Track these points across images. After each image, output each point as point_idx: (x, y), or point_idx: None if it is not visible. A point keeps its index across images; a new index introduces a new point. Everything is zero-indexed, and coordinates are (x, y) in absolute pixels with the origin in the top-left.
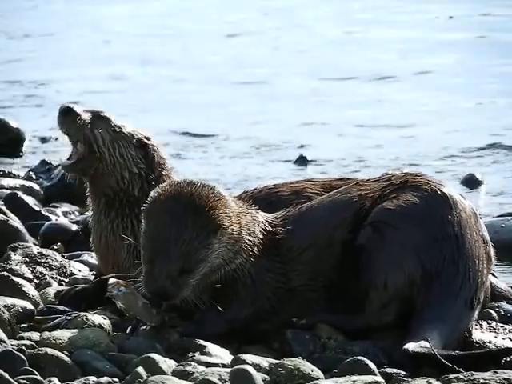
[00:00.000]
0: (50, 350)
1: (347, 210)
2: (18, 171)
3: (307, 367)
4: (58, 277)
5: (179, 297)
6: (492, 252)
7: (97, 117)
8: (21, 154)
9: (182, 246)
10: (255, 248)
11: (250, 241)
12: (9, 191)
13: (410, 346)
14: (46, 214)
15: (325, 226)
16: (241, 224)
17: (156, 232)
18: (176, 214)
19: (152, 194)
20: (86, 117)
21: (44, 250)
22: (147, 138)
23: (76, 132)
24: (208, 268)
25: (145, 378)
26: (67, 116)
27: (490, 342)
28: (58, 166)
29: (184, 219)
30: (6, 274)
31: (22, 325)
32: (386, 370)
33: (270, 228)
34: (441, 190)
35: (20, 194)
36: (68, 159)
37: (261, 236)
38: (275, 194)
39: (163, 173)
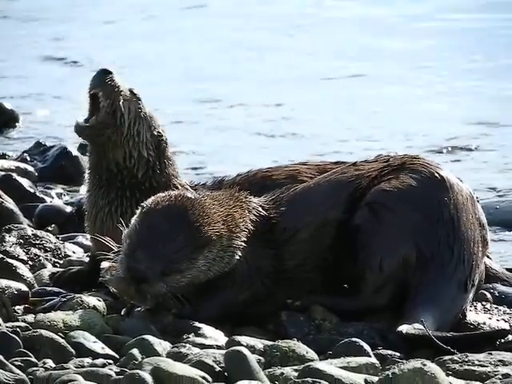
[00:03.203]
0: (44, 332)
1: (344, 189)
2: (12, 153)
3: (302, 349)
4: (53, 258)
5: (155, 287)
6: (488, 235)
7: (130, 90)
8: (15, 135)
9: (167, 250)
10: (249, 237)
11: (244, 237)
12: (3, 173)
13: (404, 328)
14: (41, 195)
15: (321, 205)
16: (232, 231)
17: (148, 229)
18: (171, 221)
19: (155, 197)
20: (121, 84)
21: (38, 232)
22: (163, 131)
23: (108, 92)
24: (189, 278)
25: (139, 359)
26: (106, 76)
27: (484, 324)
28: (51, 147)
29: (177, 229)
30: (0, 255)
31: (16, 306)
32: (380, 351)
33: (263, 212)
34: (438, 173)
35: (14, 175)
36: (85, 121)
37: (253, 225)
38: (270, 178)
39: (169, 170)
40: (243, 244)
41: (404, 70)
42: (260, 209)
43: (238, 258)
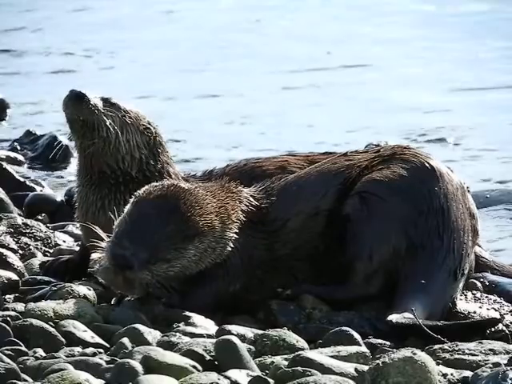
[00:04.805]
0: (35, 321)
1: (334, 179)
2: (2, 142)
3: (292, 338)
4: (43, 247)
5: (139, 274)
6: (478, 225)
7: (107, 103)
8: (5, 124)
9: (155, 238)
10: (241, 228)
11: (236, 228)
12: None
13: (394, 317)
14: (31, 184)
15: (311, 195)
16: (225, 222)
17: (137, 218)
18: (161, 211)
19: (148, 186)
20: (98, 102)
21: (29, 221)
22: (149, 123)
23: (87, 117)
24: (178, 268)
25: (130, 348)
26: (79, 101)
27: (474, 313)
28: (42, 136)
29: (166, 218)
30: None
31: (6, 296)
32: (371, 340)
33: (254, 202)
34: (428, 163)
35: (4, 164)
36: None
37: (245, 215)
38: (260, 169)
39: (163, 157)
40: (235, 235)
41: (391, 59)
42: (251, 199)
43: (229, 249)
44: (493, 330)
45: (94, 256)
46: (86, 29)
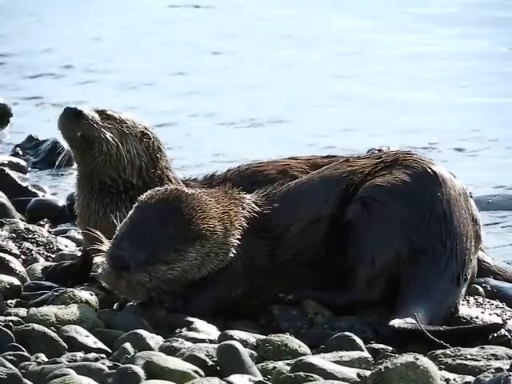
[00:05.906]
0: (37, 326)
1: (337, 184)
2: (4, 147)
3: (294, 343)
4: (45, 252)
5: (136, 276)
6: (481, 231)
7: (103, 115)
8: (7, 129)
9: (154, 240)
10: (243, 234)
11: (239, 234)
12: None
13: (396, 323)
14: (33, 190)
15: (314, 200)
16: (227, 228)
17: (138, 222)
18: (162, 213)
19: (151, 191)
20: (95, 116)
21: (31, 226)
22: (146, 129)
23: (87, 133)
24: (178, 271)
25: (132, 353)
26: (76, 118)
27: (477, 318)
28: (44, 141)
29: (167, 220)
30: None
31: (9, 301)
32: (373, 345)
33: (257, 209)
34: (431, 168)
35: (7, 170)
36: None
37: (247, 221)
38: (261, 173)
39: (162, 163)
40: (238, 241)
41: (398, 67)
42: (253, 205)
43: (232, 255)
44: (495, 335)
45: (97, 260)
46: (87, 32)
